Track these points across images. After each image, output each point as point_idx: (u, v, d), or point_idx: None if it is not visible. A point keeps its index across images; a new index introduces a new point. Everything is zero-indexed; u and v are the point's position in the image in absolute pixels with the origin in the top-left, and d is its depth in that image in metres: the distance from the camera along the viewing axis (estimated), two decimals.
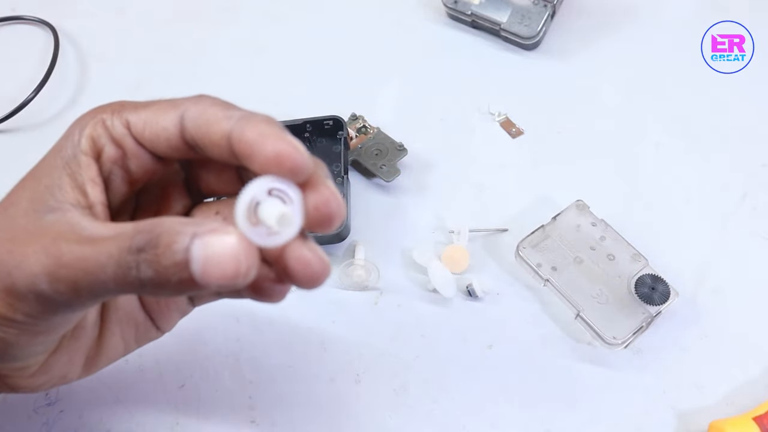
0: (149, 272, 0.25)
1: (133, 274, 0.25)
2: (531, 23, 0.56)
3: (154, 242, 0.25)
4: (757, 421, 0.39)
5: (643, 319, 0.43)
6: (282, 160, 0.26)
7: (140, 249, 0.25)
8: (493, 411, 0.42)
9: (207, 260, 0.24)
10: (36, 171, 0.30)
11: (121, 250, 0.25)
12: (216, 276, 0.24)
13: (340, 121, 0.50)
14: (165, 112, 0.29)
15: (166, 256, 0.24)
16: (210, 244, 0.24)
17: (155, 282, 0.25)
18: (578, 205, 0.47)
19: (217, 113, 0.28)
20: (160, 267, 0.24)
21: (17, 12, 0.64)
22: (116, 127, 0.29)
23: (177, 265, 0.24)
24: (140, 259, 0.25)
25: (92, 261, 0.26)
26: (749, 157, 0.52)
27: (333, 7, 0.63)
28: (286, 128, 0.45)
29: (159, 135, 0.29)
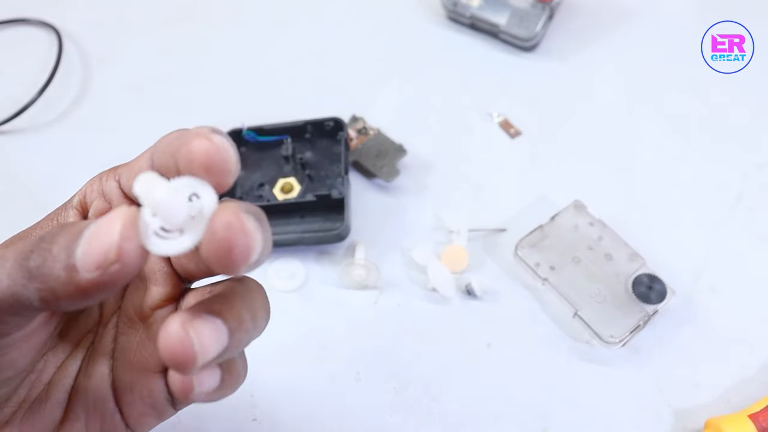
0: (37, 260, 0.22)
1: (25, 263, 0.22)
2: (529, 25, 0.56)
3: (56, 231, 0.23)
4: (753, 419, 0.39)
5: (640, 318, 0.43)
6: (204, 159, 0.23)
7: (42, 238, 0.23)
8: (491, 409, 0.43)
9: (88, 238, 0.21)
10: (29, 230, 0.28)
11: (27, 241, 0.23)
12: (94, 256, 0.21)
13: (340, 122, 0.51)
14: (141, 156, 0.27)
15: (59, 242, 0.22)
16: (97, 222, 0.22)
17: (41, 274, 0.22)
18: (576, 205, 0.48)
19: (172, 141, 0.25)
20: (51, 254, 0.22)
21: (21, 14, 0.64)
22: (108, 182, 0.28)
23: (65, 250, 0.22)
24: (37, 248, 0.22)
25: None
26: (746, 157, 0.52)
27: (333, 9, 0.63)
28: (288, 129, 0.47)
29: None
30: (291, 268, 0.48)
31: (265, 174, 0.50)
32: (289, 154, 0.50)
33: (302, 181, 0.50)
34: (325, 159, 0.51)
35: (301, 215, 0.49)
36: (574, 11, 0.61)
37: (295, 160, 0.50)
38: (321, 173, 0.50)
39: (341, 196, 0.47)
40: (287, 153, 0.50)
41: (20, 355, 0.26)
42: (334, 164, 0.50)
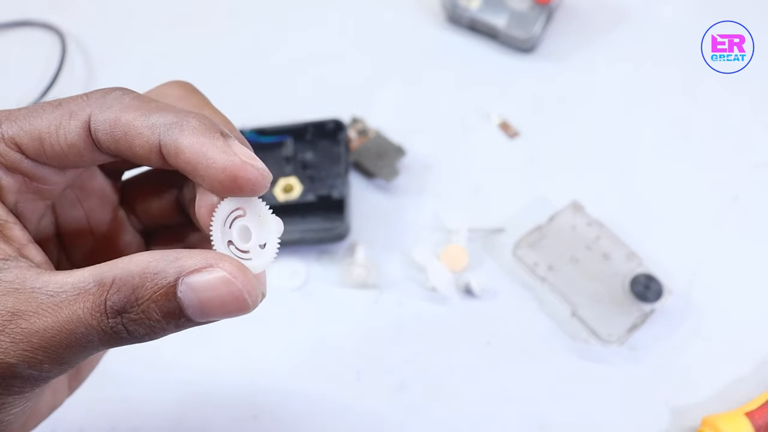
0: (141, 330, 0.22)
1: (124, 336, 0.22)
2: (528, 26, 0.57)
3: (134, 299, 0.22)
4: (749, 416, 0.40)
5: (637, 317, 0.43)
6: (236, 180, 0.22)
7: (120, 311, 0.22)
8: (490, 407, 0.43)
9: (203, 303, 0.22)
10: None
11: (97, 318, 0.22)
12: (219, 313, 0.22)
13: (340, 123, 0.51)
14: (61, 124, 0.24)
15: (154, 310, 0.22)
16: (198, 286, 0.22)
17: (152, 335, 0.22)
18: (574, 206, 0.48)
19: (135, 122, 0.24)
20: (152, 322, 0.22)
21: (25, 16, 0.65)
22: (6, 154, 0.24)
23: (170, 315, 0.22)
24: (126, 321, 0.22)
25: (70, 335, 0.22)
26: (743, 157, 0.53)
27: (333, 11, 0.63)
28: (289, 130, 0.48)
29: (65, 152, 0.24)
30: (292, 268, 0.48)
31: None
32: (290, 154, 0.51)
33: (303, 182, 0.50)
34: (325, 160, 0.51)
35: (301, 215, 0.49)
36: (573, 13, 0.61)
37: (296, 160, 0.51)
38: (321, 174, 0.50)
39: (341, 197, 0.48)
40: (288, 154, 0.51)
41: None
42: (335, 165, 0.50)
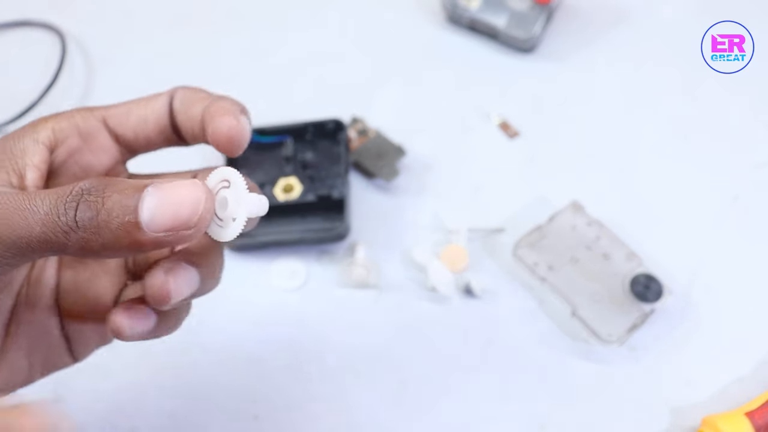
0: (88, 212, 0.23)
1: (70, 214, 0.23)
2: (528, 26, 0.57)
3: (102, 186, 0.24)
4: (749, 416, 0.40)
5: (637, 317, 0.43)
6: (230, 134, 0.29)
7: (85, 191, 0.24)
8: (490, 407, 0.43)
9: (160, 202, 0.23)
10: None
11: (60, 193, 0.24)
12: (167, 219, 0.23)
13: (340, 123, 0.51)
14: (152, 100, 0.32)
15: (112, 198, 0.23)
16: (164, 188, 0.24)
17: (92, 226, 0.23)
18: (574, 206, 0.48)
19: (200, 94, 0.31)
20: (102, 207, 0.23)
21: (25, 16, 0.65)
22: (88, 121, 0.30)
23: (122, 208, 0.23)
24: (81, 200, 0.23)
25: (24, 205, 0.24)
26: (744, 157, 0.53)
27: (333, 11, 0.63)
28: (289, 130, 0.48)
29: (147, 117, 0.31)
30: (292, 268, 0.48)
31: (267, 174, 0.51)
32: (290, 154, 0.51)
33: (303, 182, 0.50)
34: (325, 159, 0.51)
35: (301, 215, 0.49)
36: (573, 13, 0.61)
37: (296, 160, 0.51)
38: (321, 173, 0.50)
39: (341, 197, 0.48)
40: (288, 154, 0.51)
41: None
42: (335, 165, 0.50)
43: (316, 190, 0.49)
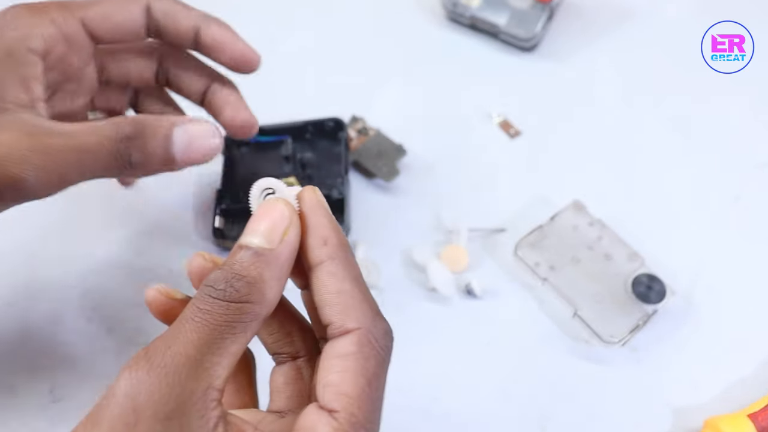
0: (138, 156, 0.31)
1: (125, 159, 0.30)
2: (529, 25, 0.57)
3: (140, 131, 0.31)
4: (752, 418, 0.39)
5: (639, 318, 0.43)
6: (246, 59, 0.39)
7: (129, 137, 0.30)
8: (491, 408, 0.43)
9: (186, 139, 0.32)
10: None
11: (110, 140, 0.30)
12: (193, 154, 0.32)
13: (340, 122, 0.51)
14: (128, 4, 0.35)
15: (151, 143, 0.31)
16: (187, 129, 0.32)
17: (143, 164, 0.31)
18: (575, 206, 0.48)
19: (182, 10, 0.37)
20: (147, 151, 0.31)
21: None
22: (69, 23, 0.33)
23: (161, 148, 0.31)
24: (130, 146, 0.30)
25: (82, 150, 0.29)
26: (745, 157, 0.52)
27: (332, 9, 0.63)
28: (288, 129, 0.48)
29: (122, 24, 0.35)
30: None
31: (266, 174, 0.50)
32: (289, 154, 0.50)
33: (302, 182, 0.49)
34: (325, 159, 0.51)
35: None
36: (574, 11, 0.61)
37: (295, 160, 0.50)
38: (321, 173, 0.50)
39: (341, 196, 0.47)
40: (288, 153, 0.50)
41: None
42: (335, 164, 0.50)
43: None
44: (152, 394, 0.22)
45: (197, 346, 0.23)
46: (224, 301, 0.24)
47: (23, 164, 0.28)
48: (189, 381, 0.22)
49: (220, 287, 0.24)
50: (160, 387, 0.22)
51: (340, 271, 0.26)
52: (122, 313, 0.46)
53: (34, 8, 0.33)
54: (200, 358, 0.23)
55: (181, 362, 0.22)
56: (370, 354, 0.25)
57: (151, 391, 0.22)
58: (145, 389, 0.22)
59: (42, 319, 0.45)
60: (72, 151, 0.29)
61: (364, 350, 0.25)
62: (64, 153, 0.29)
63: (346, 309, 0.25)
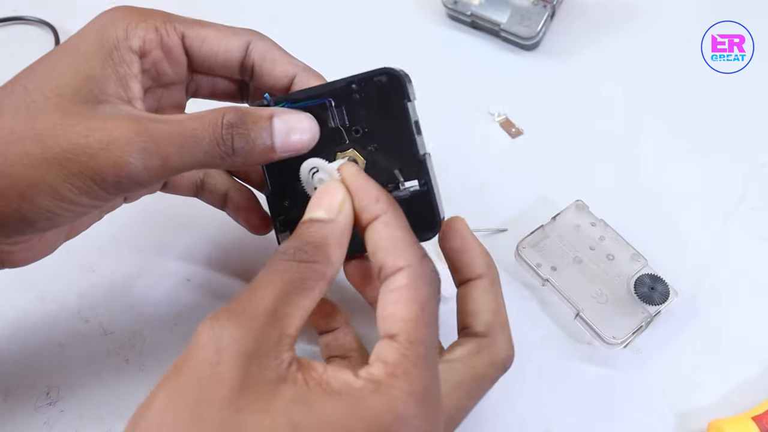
0: (241, 143, 0.31)
1: (228, 145, 0.31)
2: (531, 23, 0.56)
3: (243, 119, 0.31)
4: (756, 421, 0.39)
5: (642, 319, 0.43)
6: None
7: (233, 124, 0.31)
8: (492, 410, 0.42)
9: (286, 129, 0.33)
10: (68, 60, 0.32)
11: (214, 126, 0.31)
12: (292, 143, 0.33)
13: (395, 75, 0.36)
14: (230, 36, 0.37)
15: (254, 129, 0.32)
16: (286, 119, 0.33)
17: (245, 151, 0.31)
18: (577, 205, 0.47)
19: (283, 57, 0.38)
20: (250, 138, 0.31)
21: (18, 12, 0.64)
22: (170, 35, 0.35)
23: (262, 137, 0.32)
24: (233, 132, 0.31)
25: (187, 136, 0.30)
26: (748, 157, 0.52)
27: (332, 8, 0.63)
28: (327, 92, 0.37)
29: (218, 54, 0.36)
30: None
31: (318, 155, 0.36)
32: (338, 124, 0.37)
33: (367, 157, 0.37)
34: (389, 126, 0.37)
35: None
36: (576, 10, 0.60)
37: (349, 133, 0.37)
38: (390, 145, 0.37)
39: (425, 187, 0.37)
40: (336, 123, 0.37)
41: None
42: (400, 136, 0.37)
43: (386, 173, 0.37)
44: (233, 336, 0.25)
45: (272, 299, 0.27)
46: (295, 261, 0.28)
47: (128, 146, 0.29)
48: (266, 327, 0.26)
49: (290, 252, 0.28)
50: (241, 330, 0.25)
51: (392, 221, 0.30)
52: (120, 315, 0.45)
53: (140, 12, 0.34)
54: (275, 309, 0.26)
55: (259, 311, 0.26)
56: (420, 284, 0.29)
57: (232, 333, 0.25)
58: (227, 333, 0.25)
59: (38, 320, 0.45)
60: (175, 135, 0.30)
61: (415, 282, 0.29)
62: (167, 136, 0.30)
63: (397, 251, 0.29)
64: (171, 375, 0.25)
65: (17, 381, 0.42)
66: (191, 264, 0.47)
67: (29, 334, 0.44)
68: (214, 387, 0.24)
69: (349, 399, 0.26)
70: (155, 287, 0.46)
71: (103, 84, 0.31)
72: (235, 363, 0.25)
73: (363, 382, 0.26)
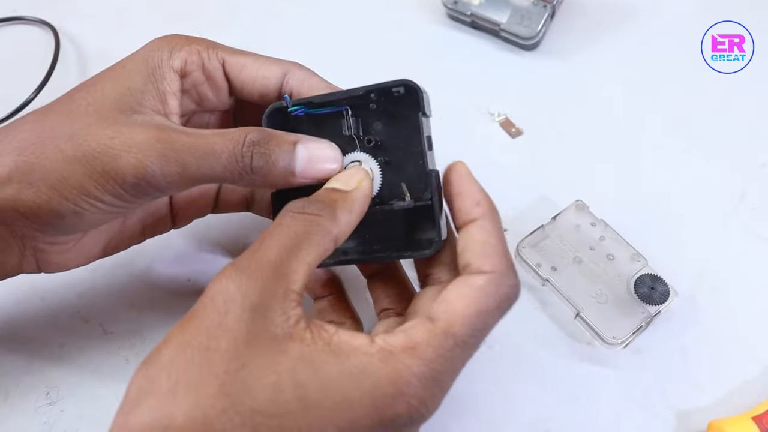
0: (261, 162, 0.32)
1: (246, 162, 0.32)
2: (531, 23, 0.56)
3: (267, 139, 0.32)
4: (756, 421, 0.39)
5: (642, 319, 0.43)
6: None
7: (255, 143, 0.32)
8: (492, 411, 0.42)
9: (308, 156, 0.33)
10: (114, 75, 0.35)
11: (235, 142, 0.32)
12: (314, 171, 0.33)
13: (411, 87, 0.36)
14: (269, 65, 0.38)
15: (275, 151, 0.32)
16: (310, 146, 0.34)
17: (264, 171, 0.32)
18: (578, 205, 0.47)
19: (320, 83, 0.38)
20: (270, 159, 0.32)
21: (18, 12, 0.64)
22: (212, 60, 0.36)
23: (283, 160, 0.32)
24: (254, 151, 0.32)
25: (207, 148, 0.32)
26: (749, 157, 0.52)
27: (332, 7, 0.63)
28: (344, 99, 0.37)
29: (256, 81, 0.37)
30: None
31: None
32: (352, 132, 0.37)
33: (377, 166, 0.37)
34: (401, 138, 0.37)
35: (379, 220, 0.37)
36: (576, 10, 0.60)
37: (361, 140, 0.37)
38: (400, 156, 0.37)
39: (429, 201, 0.35)
40: (350, 131, 0.37)
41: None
42: (414, 145, 0.37)
43: (395, 184, 0.37)
44: (240, 288, 0.26)
45: (277, 253, 0.28)
46: (300, 214, 0.29)
47: (148, 151, 0.31)
48: (271, 280, 0.27)
49: (298, 205, 0.30)
50: (247, 283, 0.27)
51: (488, 226, 0.31)
52: (120, 315, 0.45)
53: (186, 38, 0.37)
54: (280, 262, 0.27)
55: (264, 265, 0.27)
56: (492, 293, 0.29)
57: (239, 285, 0.27)
58: (234, 285, 0.27)
59: (38, 321, 0.45)
60: (196, 147, 0.31)
61: (488, 288, 0.29)
62: (188, 147, 0.31)
63: (485, 256, 0.30)
64: (182, 324, 0.27)
65: (17, 381, 0.42)
66: (191, 264, 0.47)
67: (29, 334, 0.44)
68: (222, 337, 0.26)
69: (355, 363, 0.26)
70: (155, 287, 0.46)
71: (141, 97, 0.33)
72: (240, 315, 0.26)
73: (376, 348, 0.27)
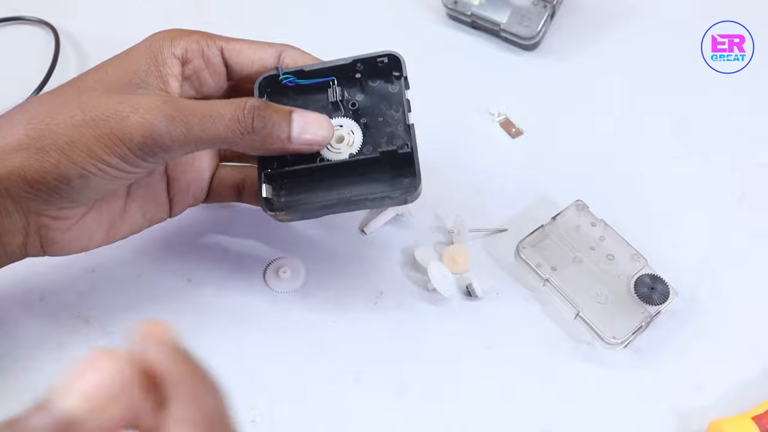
0: (260, 123, 0.35)
1: (248, 122, 0.35)
2: (530, 23, 0.56)
3: (266, 106, 0.36)
4: (756, 421, 0.39)
5: (642, 319, 0.43)
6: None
7: (255, 107, 0.35)
8: (492, 410, 0.43)
9: (304, 123, 0.37)
10: (119, 60, 0.38)
11: (238, 107, 0.35)
12: (308, 137, 0.37)
13: (395, 57, 0.42)
14: (265, 47, 0.41)
15: (274, 116, 0.36)
16: (305, 114, 0.38)
17: (263, 132, 0.36)
18: (578, 205, 0.47)
19: (313, 61, 0.42)
20: (269, 121, 0.36)
21: (18, 12, 0.63)
22: (210, 47, 0.39)
23: (281, 124, 0.36)
24: (255, 114, 0.35)
25: (211, 110, 0.35)
26: (748, 157, 0.52)
27: (332, 8, 0.63)
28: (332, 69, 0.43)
29: (254, 62, 0.40)
30: (291, 268, 0.47)
31: None
32: (337, 99, 0.42)
33: (361, 126, 0.42)
34: (381, 104, 0.43)
35: (360, 173, 0.42)
36: (576, 10, 0.60)
37: (345, 106, 0.42)
38: (378, 121, 0.42)
39: (409, 150, 0.41)
40: (335, 98, 0.42)
41: None
42: (393, 109, 0.43)
43: (375, 142, 0.42)
44: None
45: None
46: None
47: (155, 110, 0.34)
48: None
49: None
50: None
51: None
52: (120, 315, 0.45)
53: (186, 30, 0.40)
54: None
55: None
56: None
57: None
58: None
59: (38, 320, 0.45)
60: (200, 109, 0.35)
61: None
62: (193, 109, 0.35)
63: None
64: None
65: (17, 381, 0.42)
66: (191, 264, 0.47)
67: (29, 334, 0.44)
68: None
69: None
70: (155, 287, 0.46)
71: (145, 76, 0.37)
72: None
73: None
